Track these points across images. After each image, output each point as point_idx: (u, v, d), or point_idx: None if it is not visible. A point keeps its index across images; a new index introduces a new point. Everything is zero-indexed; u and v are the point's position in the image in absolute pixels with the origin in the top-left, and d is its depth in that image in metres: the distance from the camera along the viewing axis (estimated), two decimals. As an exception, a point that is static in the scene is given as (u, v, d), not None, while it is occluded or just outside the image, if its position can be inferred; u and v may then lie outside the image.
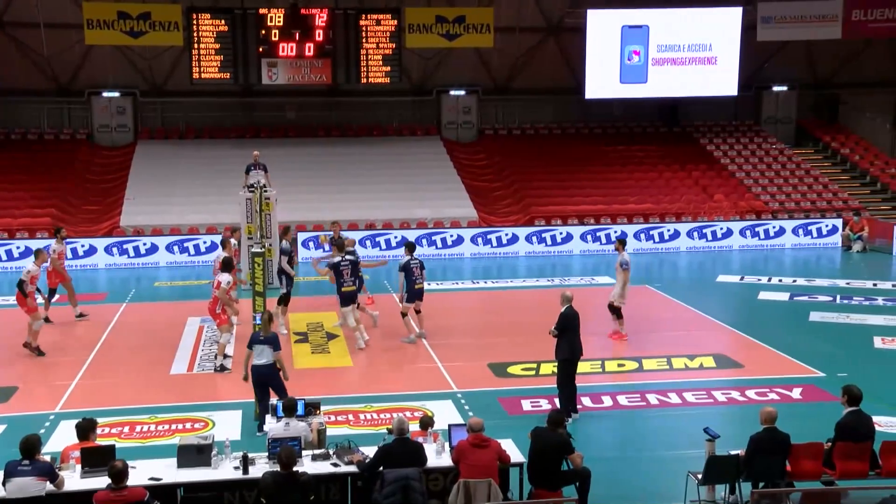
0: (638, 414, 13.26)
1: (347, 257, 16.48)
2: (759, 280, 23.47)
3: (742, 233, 28.81)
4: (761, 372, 15.13)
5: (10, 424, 12.52)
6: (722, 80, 32.95)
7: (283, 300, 17.67)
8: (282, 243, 18.25)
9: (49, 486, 8.77)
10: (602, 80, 32.54)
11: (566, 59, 34.80)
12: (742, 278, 23.70)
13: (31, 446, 8.83)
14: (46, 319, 17.66)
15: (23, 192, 29.32)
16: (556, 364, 12.85)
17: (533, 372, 15.12)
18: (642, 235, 28.46)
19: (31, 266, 16.81)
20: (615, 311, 17.23)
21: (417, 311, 17.11)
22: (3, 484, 8.74)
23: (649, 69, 32.56)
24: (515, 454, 9.89)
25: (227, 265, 15.71)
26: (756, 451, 9.48)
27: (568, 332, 12.61)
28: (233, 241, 19.20)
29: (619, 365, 15.58)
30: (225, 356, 15.36)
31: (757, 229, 28.98)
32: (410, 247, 17.16)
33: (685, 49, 32.63)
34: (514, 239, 27.91)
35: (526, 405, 13.40)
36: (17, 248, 25.73)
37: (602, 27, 32.21)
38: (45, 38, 30.76)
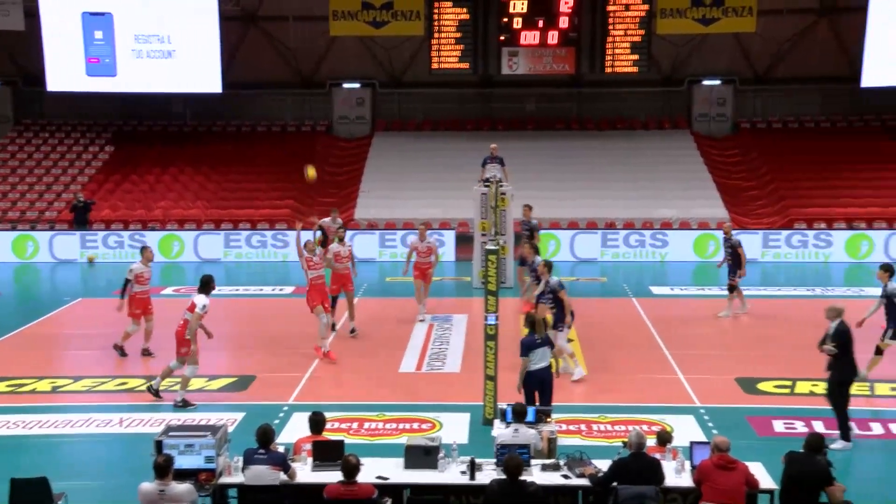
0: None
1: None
2: None
3: None
4: None
5: (248, 412, 13.50)
6: None
7: None
8: None
9: (282, 476, 9.38)
10: (885, 65, 30.10)
11: (840, 43, 32.82)
12: None
13: (266, 436, 9.48)
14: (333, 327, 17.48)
15: (265, 183, 31.54)
16: (835, 385, 12.01)
17: (787, 390, 14.42)
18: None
19: (136, 265, 16.50)
20: None
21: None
22: (242, 470, 9.46)
23: (946, 51, 29.73)
24: (766, 480, 9.46)
25: (205, 286, 14.17)
26: None
27: (848, 351, 11.88)
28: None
29: (893, 389, 14.52)
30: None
31: None
32: (889, 269, 14.83)
33: None
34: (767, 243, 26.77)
35: (778, 426, 12.81)
36: (262, 237, 27.72)
37: (889, 4, 29.80)
38: (293, 31, 32.93)
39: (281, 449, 9.74)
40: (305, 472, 9.67)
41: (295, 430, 12.07)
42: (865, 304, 21.06)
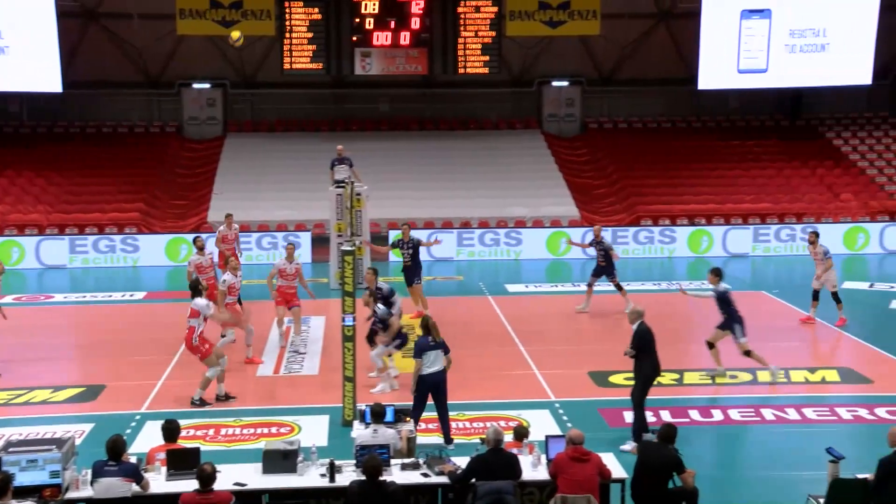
0: (751, 430, 12.97)
1: None
2: (892, 287, 22.63)
3: (872, 235, 27.84)
4: (893, 388, 14.59)
5: (97, 423, 13.00)
6: (853, 67, 31.58)
7: None
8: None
9: (135, 488, 9.08)
10: (717, 69, 31.71)
11: (678, 48, 34.22)
12: (871, 285, 22.91)
13: (117, 447, 9.15)
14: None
15: (112, 185, 30.42)
16: (639, 385, 12.20)
17: (637, 382, 14.90)
18: (759, 237, 27.79)
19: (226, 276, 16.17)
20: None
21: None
22: (91, 483, 9.10)
23: (770, 57, 31.52)
24: (617, 469, 9.77)
25: (194, 290, 14.33)
26: (888, 475, 9.12)
27: (646, 352, 12.13)
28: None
29: (731, 376, 15.23)
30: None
31: (889, 231, 27.95)
32: (722, 272, 15.09)
33: (811, 34, 31.47)
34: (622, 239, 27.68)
35: (629, 417, 13.18)
36: (110, 241, 26.73)
37: (719, 12, 31.35)
38: (138, 29, 31.88)
39: (133, 459, 9.44)
40: (159, 482, 9.40)
41: (148, 440, 11.72)
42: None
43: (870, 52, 31.45)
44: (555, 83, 34.72)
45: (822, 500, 9.29)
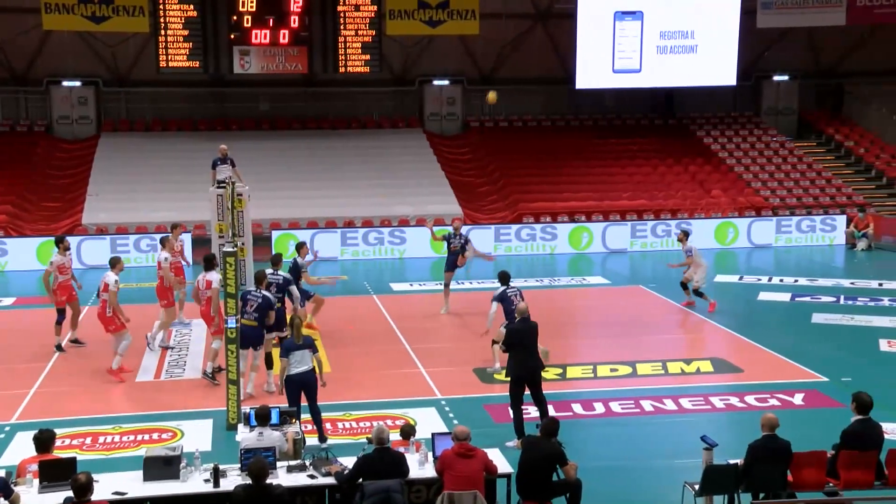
0: (631, 421, 13.30)
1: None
2: (759, 280, 23.60)
3: (740, 230, 28.96)
4: (761, 377, 15.21)
5: (-37, 436, 12.44)
6: (719, 69, 33.05)
7: None
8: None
9: (3, 503, 8.71)
10: (593, 69, 32.57)
11: (555, 48, 34.87)
12: (741, 278, 23.83)
13: (-16, 460, 8.78)
14: (59, 348, 16.63)
15: (-23, 188, 29.14)
16: (510, 384, 12.25)
17: (521, 377, 15.09)
18: (637, 233, 28.56)
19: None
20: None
21: None
22: (-45, 500, 8.70)
23: (643, 58, 32.59)
24: (503, 464, 9.90)
25: (210, 263, 15.14)
26: (755, 459, 9.53)
27: (516, 349, 12.25)
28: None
29: (612, 370, 15.63)
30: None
31: (756, 226, 29.15)
32: (505, 277, 15.55)
33: (680, 36, 32.70)
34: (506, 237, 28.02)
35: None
36: (-28, 247, 25.62)
37: (593, 13, 32.24)
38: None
39: (1, 473, 9.06)
40: (31, 496, 9.05)
41: (19, 452, 11.26)
42: (585, 292, 22.72)
43: (734, 54, 32.87)
44: (436, 82, 34.91)
45: (696, 487, 9.62)
